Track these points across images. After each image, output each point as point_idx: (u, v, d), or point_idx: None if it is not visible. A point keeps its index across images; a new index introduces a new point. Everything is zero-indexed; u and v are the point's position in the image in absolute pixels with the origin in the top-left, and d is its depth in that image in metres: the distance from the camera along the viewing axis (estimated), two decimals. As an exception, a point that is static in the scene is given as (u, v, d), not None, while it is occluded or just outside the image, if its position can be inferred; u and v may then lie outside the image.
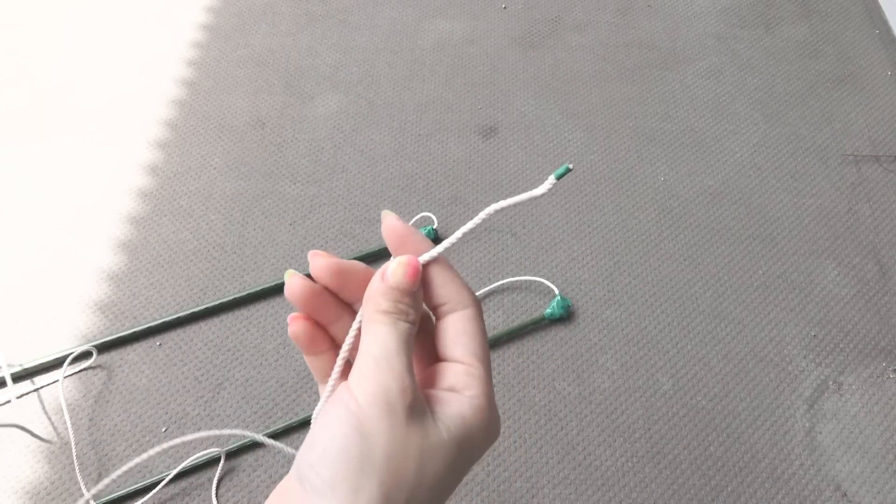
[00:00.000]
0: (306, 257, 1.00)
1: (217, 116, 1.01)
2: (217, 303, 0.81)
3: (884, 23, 1.13)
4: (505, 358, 0.79)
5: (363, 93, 1.03)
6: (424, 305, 0.30)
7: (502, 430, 0.74)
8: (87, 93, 1.03)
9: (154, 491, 0.69)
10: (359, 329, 0.29)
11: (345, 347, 0.29)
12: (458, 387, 0.28)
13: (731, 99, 1.03)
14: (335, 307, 0.30)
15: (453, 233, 0.30)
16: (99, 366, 0.78)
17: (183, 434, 0.74)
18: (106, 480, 0.31)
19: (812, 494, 0.71)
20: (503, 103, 1.02)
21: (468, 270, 0.85)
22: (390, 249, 0.30)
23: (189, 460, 0.70)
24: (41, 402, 0.75)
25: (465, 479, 0.71)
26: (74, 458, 0.71)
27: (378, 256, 0.86)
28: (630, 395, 0.77)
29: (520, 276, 0.84)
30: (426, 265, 0.29)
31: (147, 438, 0.74)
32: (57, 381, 0.76)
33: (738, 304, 0.83)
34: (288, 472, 0.26)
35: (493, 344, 0.79)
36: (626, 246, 0.88)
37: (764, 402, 0.76)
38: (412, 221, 0.88)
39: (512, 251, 0.87)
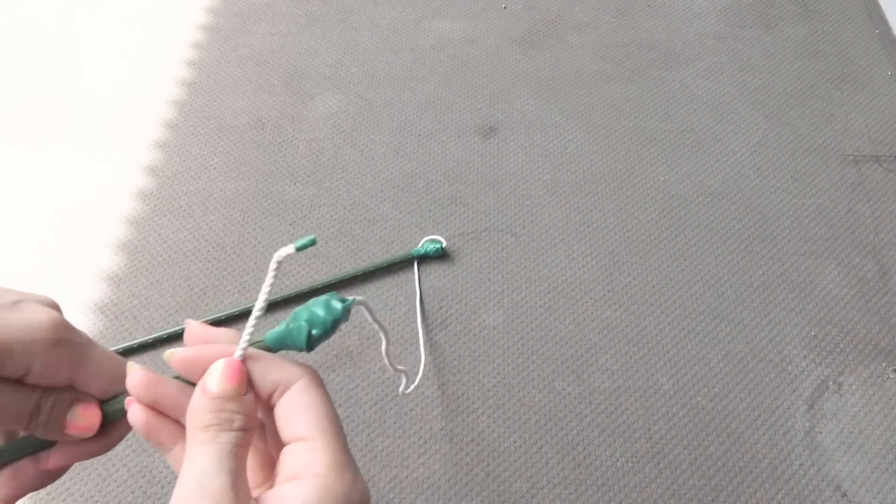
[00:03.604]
0: (307, 257, 0.99)
1: (217, 116, 1.01)
2: (213, 318, 0.81)
3: (884, 23, 1.13)
4: (505, 358, 0.79)
5: (363, 93, 1.03)
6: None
7: (503, 430, 0.74)
8: (86, 93, 1.03)
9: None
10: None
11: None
12: (299, 471, 0.24)
13: (731, 99, 1.03)
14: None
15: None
16: (99, 366, 0.78)
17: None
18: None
19: (812, 494, 0.71)
20: (503, 103, 1.02)
21: (468, 271, 0.85)
22: (195, 358, 0.26)
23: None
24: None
25: (464, 480, 0.71)
26: (74, 458, 0.71)
27: (345, 284, 0.86)
28: (630, 395, 0.77)
29: (519, 275, 0.84)
30: (245, 360, 0.26)
31: (147, 438, 0.73)
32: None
33: (738, 304, 0.83)
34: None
35: (493, 344, 0.79)
36: (626, 246, 0.88)
37: (764, 402, 0.76)
38: (420, 243, 0.87)
39: (512, 251, 0.87)
